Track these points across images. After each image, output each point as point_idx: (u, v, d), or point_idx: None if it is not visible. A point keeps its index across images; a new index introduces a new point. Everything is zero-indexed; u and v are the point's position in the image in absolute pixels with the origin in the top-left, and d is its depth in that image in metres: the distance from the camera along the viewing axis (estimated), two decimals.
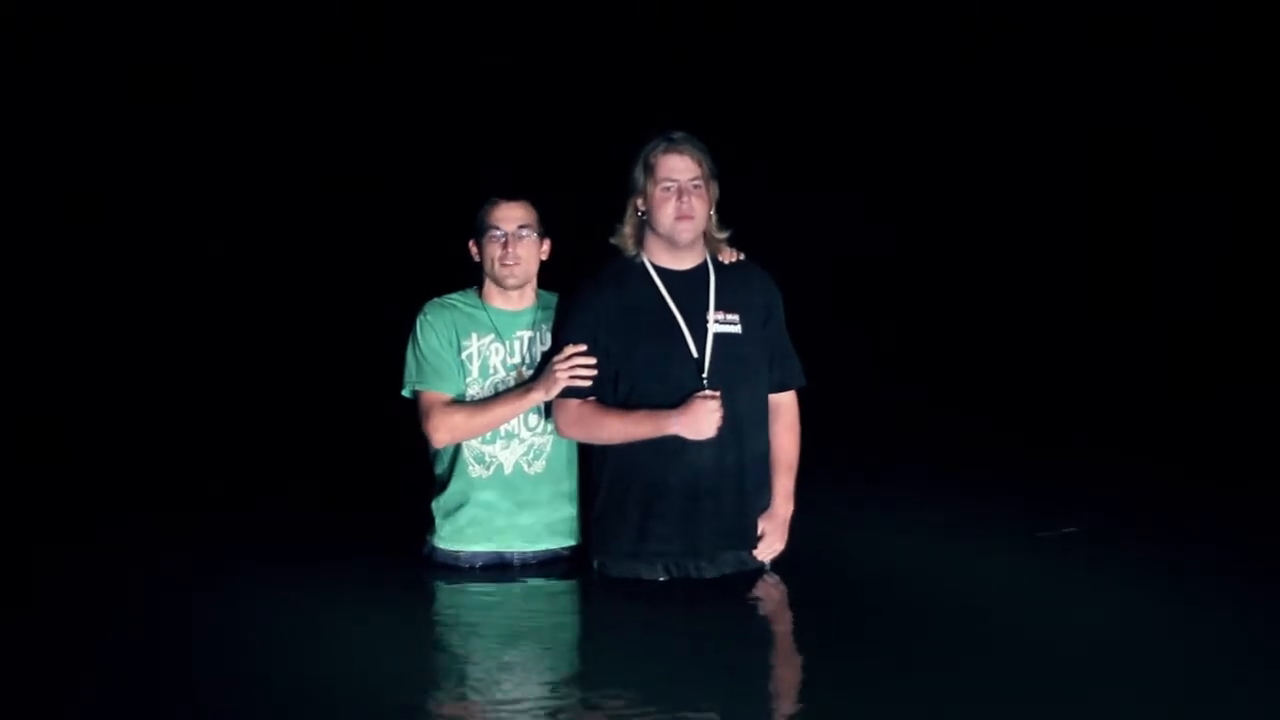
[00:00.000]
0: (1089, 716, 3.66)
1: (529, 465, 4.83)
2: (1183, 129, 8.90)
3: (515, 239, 4.80)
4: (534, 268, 4.86)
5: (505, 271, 4.81)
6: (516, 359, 4.84)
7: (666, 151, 4.62)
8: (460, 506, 4.83)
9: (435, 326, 4.83)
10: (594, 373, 4.60)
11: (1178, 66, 9.00)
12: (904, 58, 9.76)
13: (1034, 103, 9.39)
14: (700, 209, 4.62)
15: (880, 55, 9.78)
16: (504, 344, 4.85)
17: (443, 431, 4.75)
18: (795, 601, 4.63)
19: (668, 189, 4.60)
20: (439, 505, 4.87)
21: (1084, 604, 4.55)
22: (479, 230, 4.84)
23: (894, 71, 9.75)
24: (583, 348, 4.61)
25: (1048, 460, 6.49)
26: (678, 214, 4.59)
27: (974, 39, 9.66)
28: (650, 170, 4.62)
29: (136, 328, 9.17)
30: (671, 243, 4.65)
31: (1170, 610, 4.42)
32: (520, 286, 4.86)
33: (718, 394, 4.57)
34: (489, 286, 4.88)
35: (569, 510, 4.87)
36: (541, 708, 3.76)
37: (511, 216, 4.82)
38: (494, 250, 4.80)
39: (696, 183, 4.61)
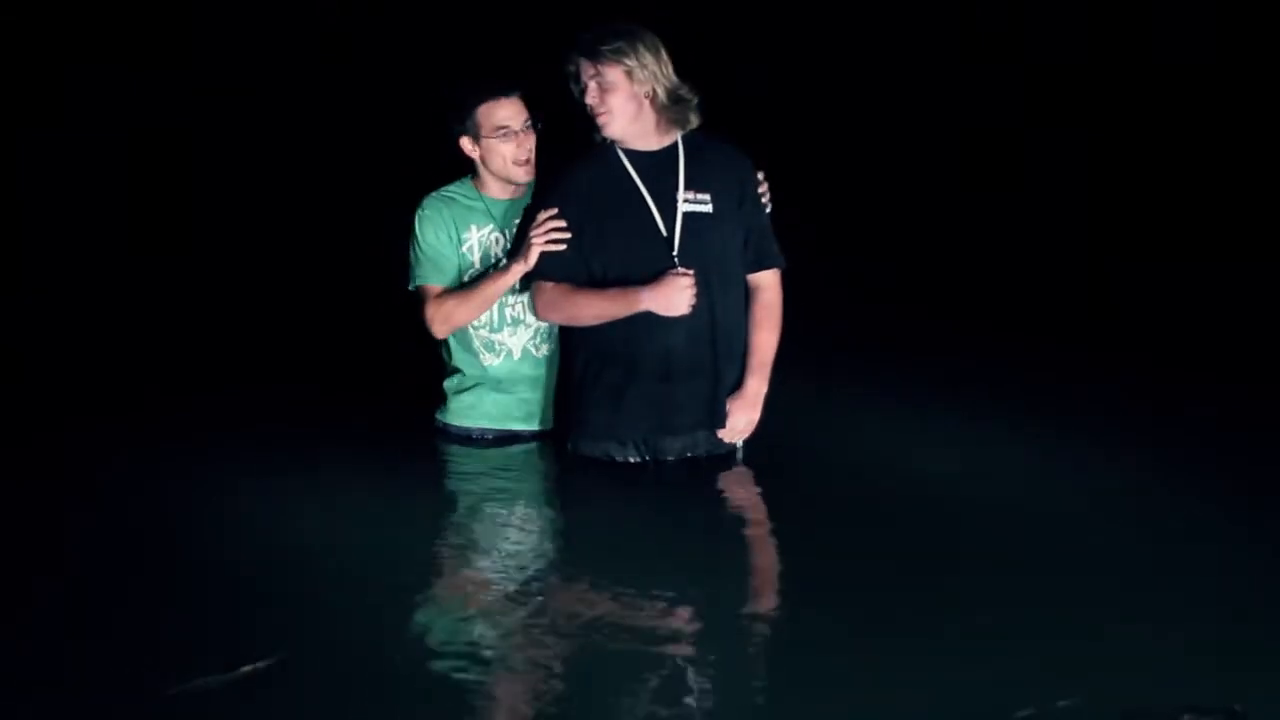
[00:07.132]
0: (1074, 600, 3.69)
1: (537, 349, 5.00)
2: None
3: (526, 134, 4.89)
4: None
5: (523, 171, 4.90)
6: None
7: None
8: (471, 388, 5.03)
9: (434, 221, 4.95)
10: (568, 235, 4.71)
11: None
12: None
13: None
14: (615, 105, 4.67)
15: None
16: (504, 234, 4.96)
17: (439, 322, 4.91)
18: (765, 484, 4.72)
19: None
20: (450, 385, 5.07)
21: (1060, 486, 4.58)
22: (474, 128, 4.88)
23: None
24: (554, 211, 4.72)
25: (1036, 354, 6.37)
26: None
27: None
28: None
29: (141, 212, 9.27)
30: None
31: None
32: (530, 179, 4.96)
33: (690, 272, 4.64)
34: (485, 177, 4.97)
35: None
36: (507, 588, 3.98)
37: (517, 114, 4.89)
38: (507, 150, 4.86)
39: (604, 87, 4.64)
